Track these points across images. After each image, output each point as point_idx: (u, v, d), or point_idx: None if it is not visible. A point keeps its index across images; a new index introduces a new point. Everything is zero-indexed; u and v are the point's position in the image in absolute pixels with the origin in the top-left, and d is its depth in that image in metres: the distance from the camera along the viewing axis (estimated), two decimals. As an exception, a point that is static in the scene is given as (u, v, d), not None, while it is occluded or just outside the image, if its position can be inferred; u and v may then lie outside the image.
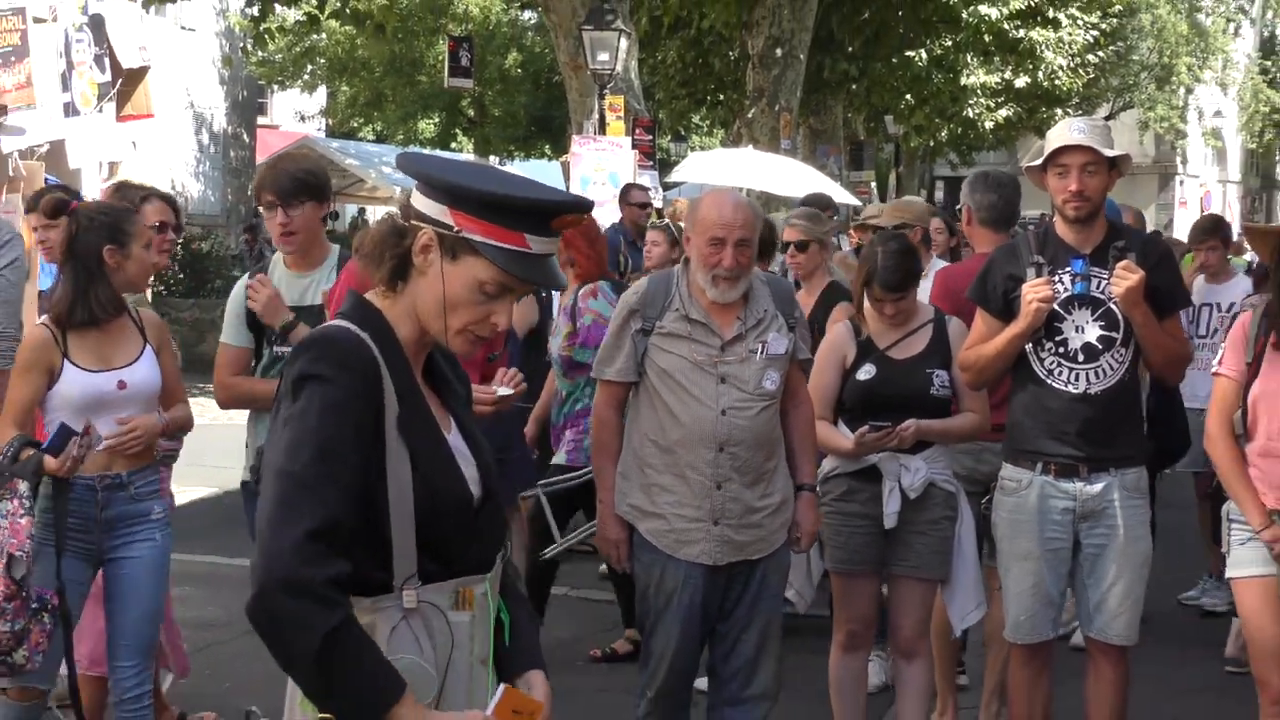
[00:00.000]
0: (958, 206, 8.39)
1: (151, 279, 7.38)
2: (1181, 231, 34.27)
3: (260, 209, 6.56)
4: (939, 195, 37.12)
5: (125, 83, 12.39)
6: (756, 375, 5.60)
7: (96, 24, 11.88)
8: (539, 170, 18.40)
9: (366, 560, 2.93)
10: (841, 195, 18.48)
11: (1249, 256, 18.15)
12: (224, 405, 6.50)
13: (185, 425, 6.18)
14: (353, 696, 2.82)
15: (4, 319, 6.01)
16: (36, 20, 11.08)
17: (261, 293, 5.84)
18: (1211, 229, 9.39)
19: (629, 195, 13.73)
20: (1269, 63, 47.96)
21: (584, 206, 3.21)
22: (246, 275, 6.25)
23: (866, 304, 6.25)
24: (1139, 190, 39.50)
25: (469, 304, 3.02)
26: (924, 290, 6.70)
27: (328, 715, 2.89)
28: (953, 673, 7.08)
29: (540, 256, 3.05)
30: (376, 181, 28.66)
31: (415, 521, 2.96)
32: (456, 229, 3.00)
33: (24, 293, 6.24)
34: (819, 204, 10.32)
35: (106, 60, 12.01)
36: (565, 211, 3.08)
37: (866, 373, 6.11)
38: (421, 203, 3.06)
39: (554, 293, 8.60)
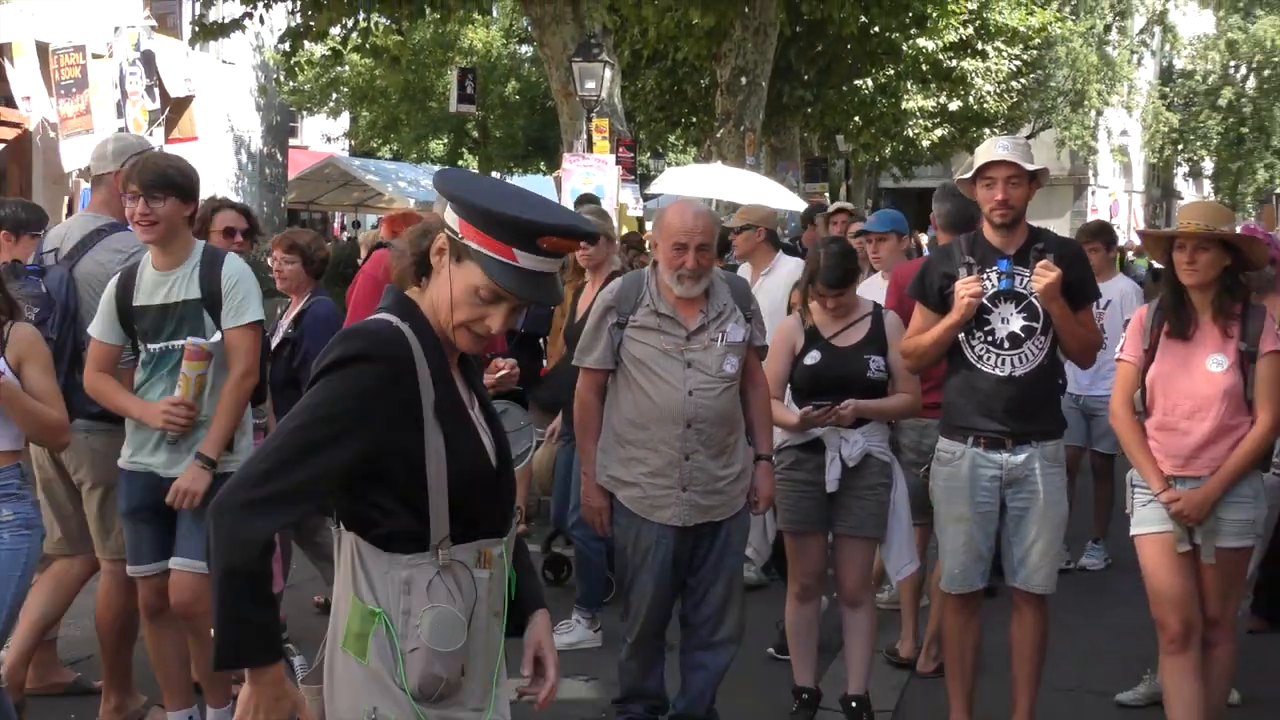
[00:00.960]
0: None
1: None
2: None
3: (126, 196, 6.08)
4: (883, 203, 37.16)
5: (173, 110, 12.39)
6: (718, 360, 5.60)
7: (148, 59, 11.87)
8: (535, 184, 18.44)
9: (408, 524, 2.96)
10: (799, 204, 18.48)
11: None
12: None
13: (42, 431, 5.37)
14: (236, 632, 2.86)
15: None
16: (95, 56, 11.06)
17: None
18: (1096, 232, 9.55)
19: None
20: (1167, 89, 48.10)
21: (577, 233, 3.09)
22: (115, 277, 5.64)
23: (815, 303, 6.25)
24: (1056, 200, 39.60)
25: (467, 305, 2.98)
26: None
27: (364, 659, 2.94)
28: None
29: (531, 272, 2.97)
30: (393, 195, 28.82)
31: (449, 491, 2.95)
32: (460, 236, 2.97)
33: None
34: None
35: (156, 90, 12.01)
36: (550, 234, 2.97)
37: (813, 358, 6.11)
38: (446, 213, 3.05)
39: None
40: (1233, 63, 47.93)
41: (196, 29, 15.79)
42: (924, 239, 12.71)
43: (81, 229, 6.16)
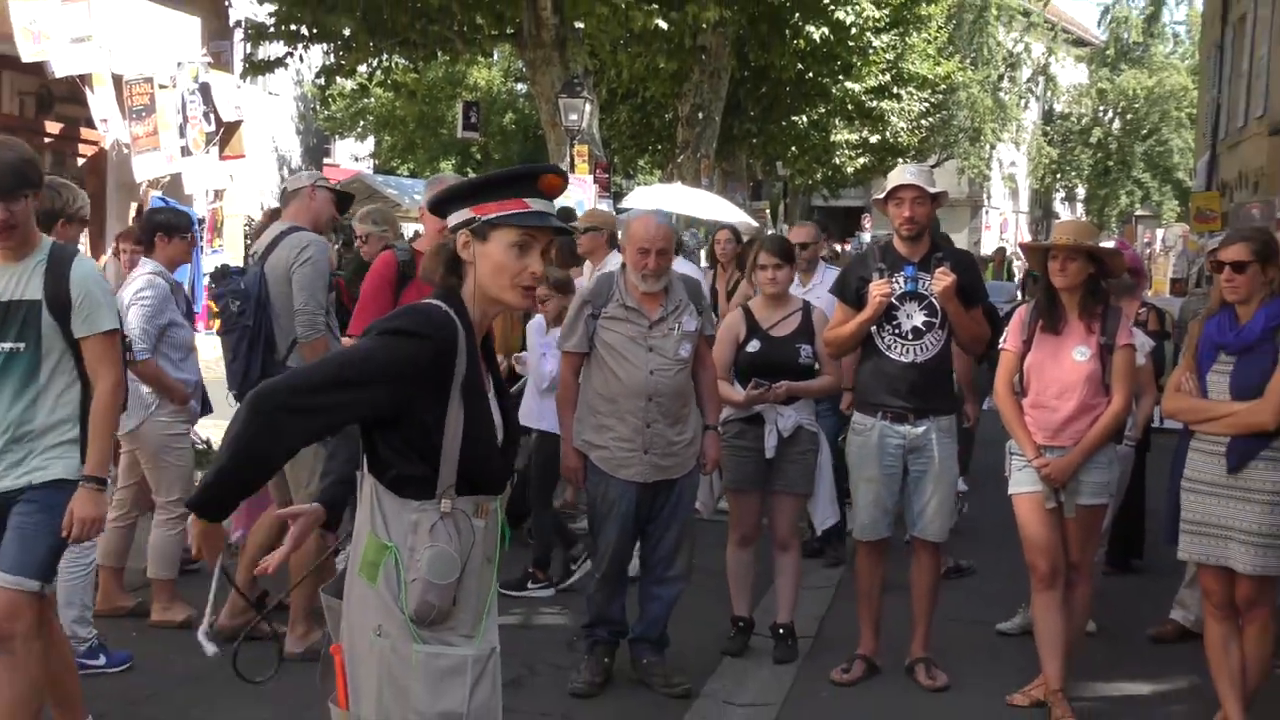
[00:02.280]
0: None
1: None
2: (987, 248, 34.54)
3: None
4: (815, 218, 37.19)
5: (225, 132, 12.33)
6: (675, 346, 5.62)
7: (204, 89, 11.82)
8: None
9: (420, 471, 2.95)
10: (745, 219, 18.53)
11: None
12: None
13: None
14: (218, 491, 2.89)
15: (304, 300, 5.83)
16: (161, 86, 11.01)
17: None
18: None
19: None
20: (1048, 128, 48.20)
21: (554, 169, 3.17)
22: None
23: (756, 298, 6.25)
24: (956, 218, 39.66)
25: (509, 265, 2.99)
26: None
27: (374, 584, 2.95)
28: None
29: (543, 212, 3.04)
30: (409, 206, 28.78)
31: (459, 453, 2.94)
32: (479, 217, 2.99)
33: (321, 282, 5.97)
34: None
35: (212, 116, 11.96)
36: (545, 173, 3.08)
37: (754, 346, 6.13)
38: (452, 219, 3.06)
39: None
40: (1101, 108, 48.14)
41: (246, 65, 15.77)
42: (849, 247, 12.67)
43: (271, 233, 6.09)
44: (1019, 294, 17.43)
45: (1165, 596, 6.91)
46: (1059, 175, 48.29)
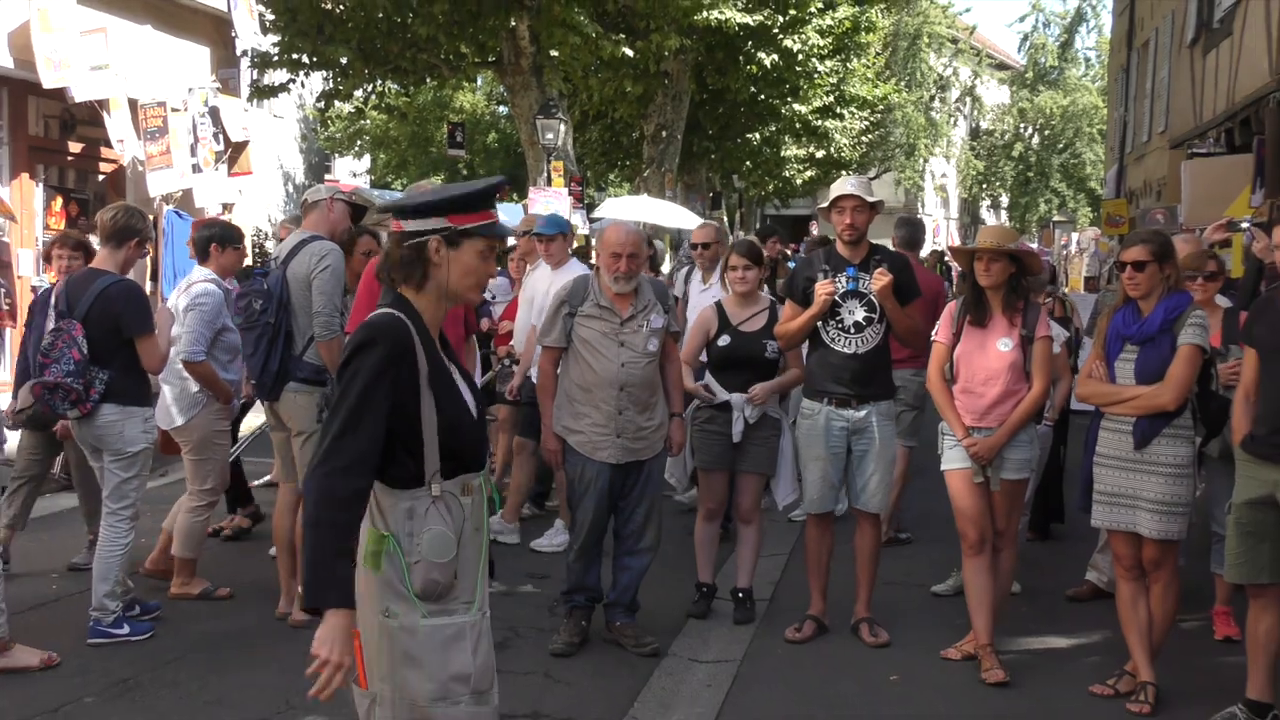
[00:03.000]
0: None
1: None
2: (923, 251, 34.50)
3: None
4: (768, 224, 37.24)
5: (233, 151, 12.23)
6: (644, 341, 5.63)
7: (214, 112, 11.72)
8: (510, 210, 18.36)
9: (408, 464, 2.96)
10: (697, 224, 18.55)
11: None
12: None
13: None
14: (316, 576, 2.83)
15: (322, 303, 5.82)
16: (173, 110, 10.91)
17: None
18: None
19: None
20: (975, 143, 48.38)
21: (503, 183, 3.30)
22: None
23: (728, 296, 6.26)
24: (892, 225, 39.68)
25: (477, 268, 3.05)
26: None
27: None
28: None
29: (503, 225, 3.16)
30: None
31: (439, 439, 2.95)
32: (454, 226, 3.00)
33: (337, 287, 5.95)
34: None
35: (221, 136, 11.85)
36: (499, 189, 3.18)
37: (724, 340, 6.13)
38: (415, 226, 3.01)
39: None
40: (1022, 125, 48.33)
41: (252, 90, 15.68)
42: (802, 248, 12.67)
43: (292, 241, 6.08)
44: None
45: (1080, 560, 6.96)
46: (985, 185, 48.47)
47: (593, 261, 9.32)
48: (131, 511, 5.73)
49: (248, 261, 9.35)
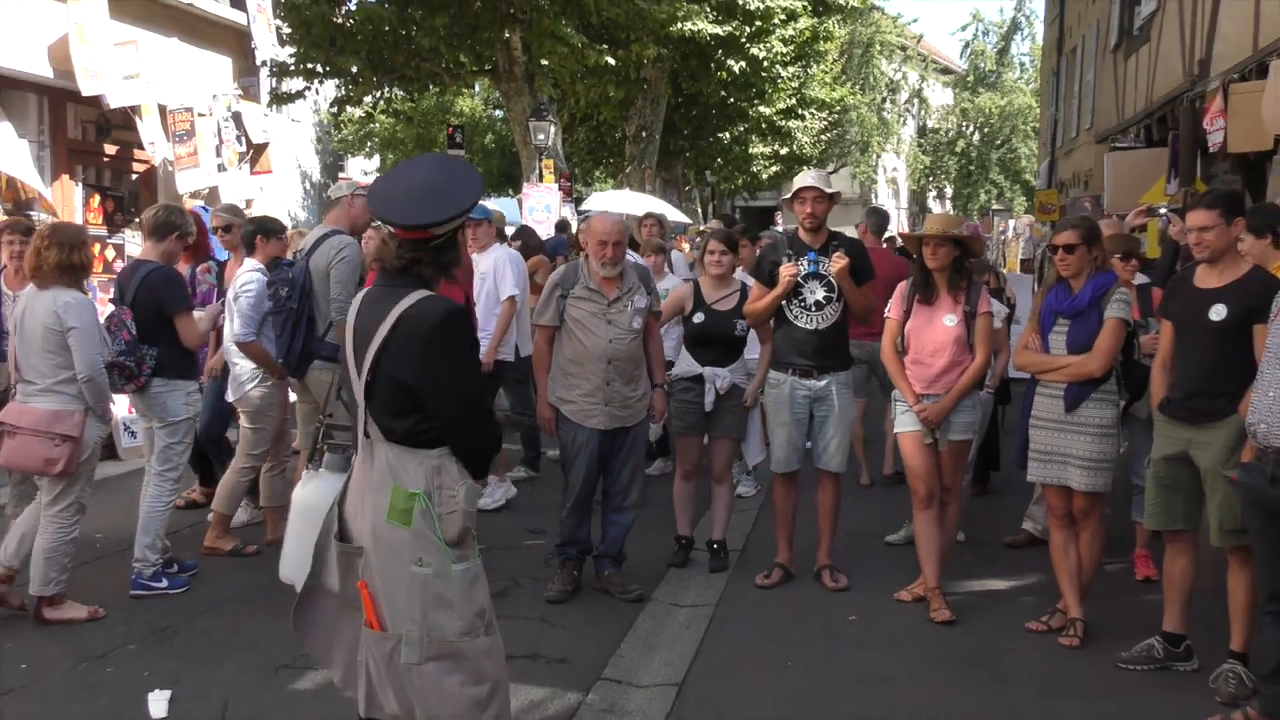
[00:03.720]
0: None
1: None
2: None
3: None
4: (737, 217, 37.19)
5: (255, 152, 12.12)
6: (628, 320, 5.60)
7: (237, 117, 11.61)
8: (505, 205, 18.29)
9: (429, 428, 2.96)
10: (681, 216, 18.53)
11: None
12: None
13: None
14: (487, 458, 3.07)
15: (339, 290, 5.89)
16: (199, 115, 10.81)
17: None
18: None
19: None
20: (922, 140, 48.27)
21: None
22: None
23: (704, 278, 6.23)
24: (849, 214, 39.66)
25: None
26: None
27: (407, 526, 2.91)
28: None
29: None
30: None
31: None
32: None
33: (354, 276, 5.97)
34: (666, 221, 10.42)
35: (243, 138, 11.75)
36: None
37: (699, 318, 6.11)
38: (446, 229, 3.08)
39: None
40: (964, 123, 48.24)
41: (272, 97, 15.58)
42: (771, 235, 12.57)
43: (315, 235, 6.12)
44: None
45: (1018, 512, 6.99)
46: (931, 178, 48.40)
47: (512, 243, 9.14)
48: (176, 475, 5.78)
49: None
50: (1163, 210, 9.00)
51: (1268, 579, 4.18)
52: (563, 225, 14.45)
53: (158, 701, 4.33)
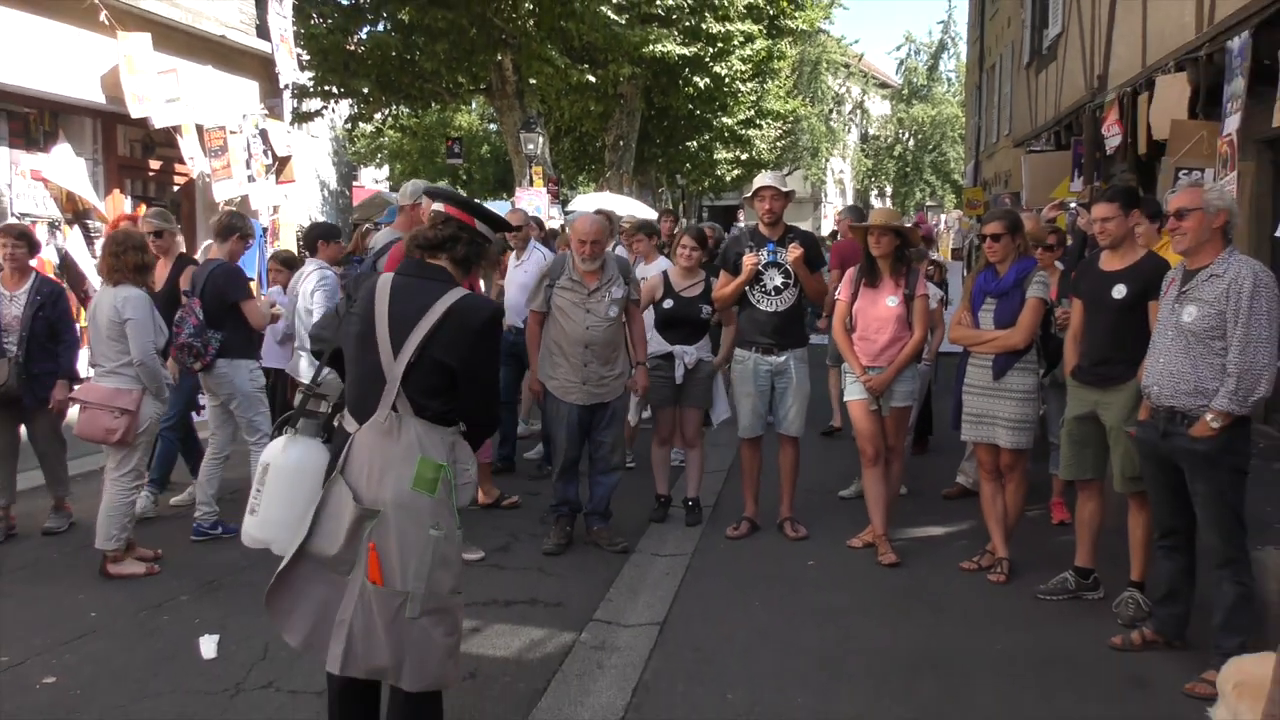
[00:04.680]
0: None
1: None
2: (825, 231, 34.57)
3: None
4: (704, 215, 37.11)
5: (279, 164, 11.99)
6: (606, 309, 5.56)
7: (264, 134, 11.49)
8: (499, 206, 18.28)
9: (448, 409, 2.90)
10: (652, 215, 18.44)
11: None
12: None
13: None
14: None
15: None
16: (231, 132, 10.71)
17: None
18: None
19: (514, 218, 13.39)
20: (865, 146, 48.24)
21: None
22: None
23: (673, 268, 6.20)
24: (802, 211, 39.74)
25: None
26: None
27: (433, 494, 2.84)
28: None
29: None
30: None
31: None
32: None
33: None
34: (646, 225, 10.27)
35: (269, 152, 11.62)
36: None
37: (668, 304, 6.08)
38: (485, 230, 3.12)
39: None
40: (900, 131, 48.28)
41: (294, 116, 15.44)
42: (734, 230, 12.47)
43: (384, 238, 6.04)
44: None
45: (952, 467, 7.03)
46: (873, 179, 48.39)
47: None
48: (265, 439, 5.80)
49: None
50: (1073, 205, 9.05)
51: (1160, 519, 4.25)
52: (553, 234, 14.34)
53: (208, 644, 4.33)
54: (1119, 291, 4.51)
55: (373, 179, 37.22)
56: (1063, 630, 4.50)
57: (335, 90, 16.75)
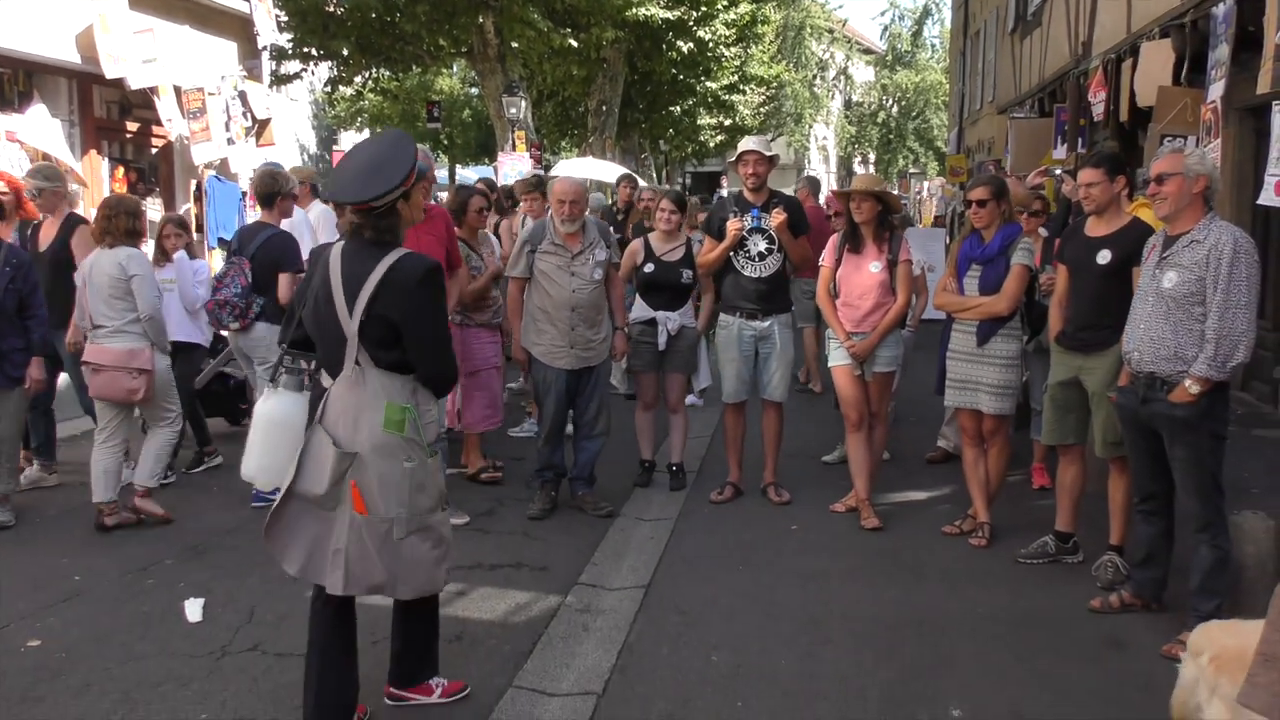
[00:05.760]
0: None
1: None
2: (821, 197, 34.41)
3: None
4: (688, 182, 36.96)
5: (259, 127, 11.86)
6: (590, 272, 5.55)
7: (242, 95, 11.35)
8: (483, 171, 18.07)
9: (403, 359, 3.18)
10: (638, 181, 18.36)
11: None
12: None
13: None
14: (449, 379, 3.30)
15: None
16: (210, 94, 10.57)
17: None
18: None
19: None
20: (848, 113, 48.05)
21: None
22: None
23: (654, 233, 6.18)
24: (786, 177, 39.51)
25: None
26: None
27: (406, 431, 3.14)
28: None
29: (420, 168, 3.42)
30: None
31: None
32: (406, 187, 3.16)
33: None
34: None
35: (248, 115, 11.49)
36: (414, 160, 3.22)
37: (649, 268, 6.05)
38: (388, 199, 3.14)
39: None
40: (884, 98, 48.10)
41: (273, 78, 15.20)
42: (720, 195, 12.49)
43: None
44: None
45: (934, 432, 7.07)
46: (856, 145, 48.24)
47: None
48: None
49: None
50: (1058, 171, 9.06)
51: (1140, 483, 4.29)
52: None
53: (193, 607, 4.33)
54: (1103, 257, 4.52)
55: (353, 143, 36.81)
56: (1042, 593, 4.55)
57: (314, 52, 16.50)
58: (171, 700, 3.55)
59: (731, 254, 5.78)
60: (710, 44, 20.44)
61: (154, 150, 10.96)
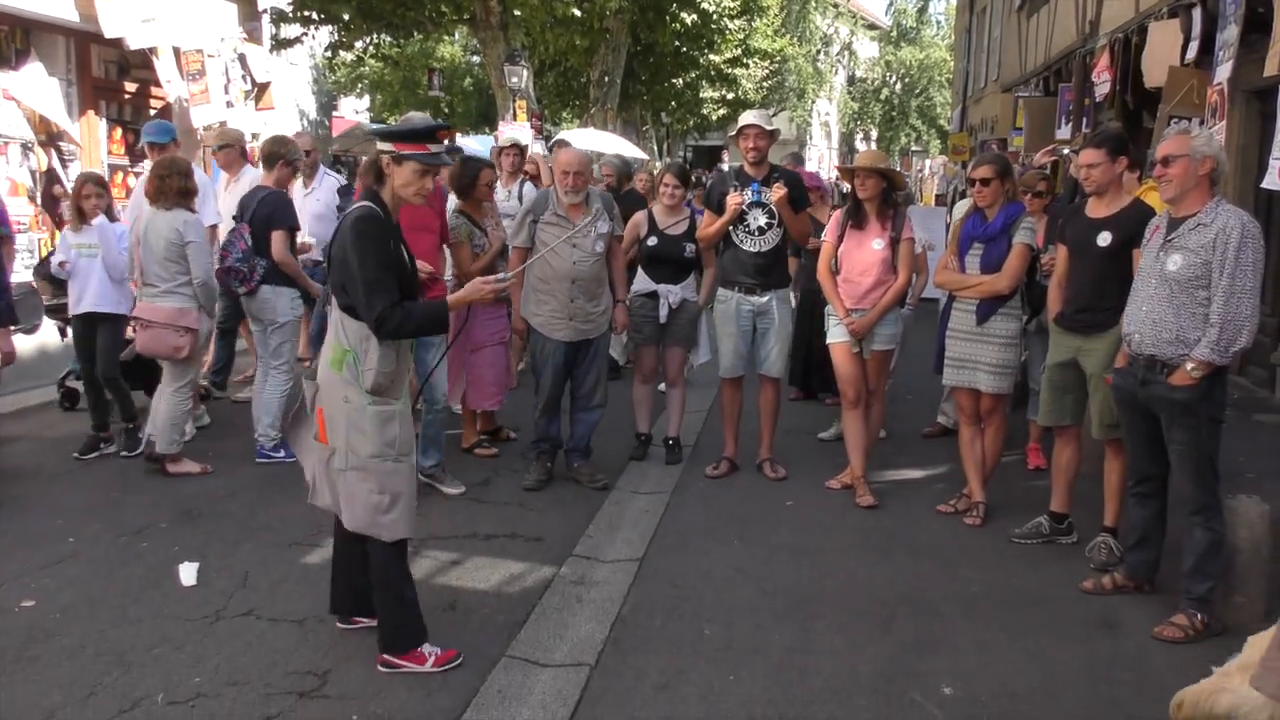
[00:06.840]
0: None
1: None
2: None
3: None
4: (689, 155, 36.77)
5: (259, 91, 11.77)
6: (592, 244, 5.52)
7: (242, 58, 11.25)
8: (482, 141, 17.89)
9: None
10: (638, 153, 18.28)
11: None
12: None
13: None
14: (423, 321, 3.42)
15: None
16: (209, 56, 10.46)
17: None
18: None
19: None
20: (851, 89, 47.77)
21: (444, 126, 3.57)
22: None
23: (657, 206, 6.14)
24: (787, 150, 39.24)
25: (413, 181, 3.42)
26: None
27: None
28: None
29: (436, 154, 3.44)
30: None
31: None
32: (397, 151, 3.41)
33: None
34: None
35: (248, 78, 11.39)
36: (438, 130, 3.48)
37: (652, 241, 6.03)
38: (381, 147, 3.45)
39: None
40: (888, 74, 47.79)
41: (273, 41, 15.06)
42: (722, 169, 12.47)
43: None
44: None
45: (932, 409, 7.07)
46: (858, 122, 47.98)
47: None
48: (287, 366, 5.99)
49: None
50: (1065, 151, 9.01)
51: (1135, 466, 4.29)
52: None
53: (188, 571, 4.33)
54: (1104, 239, 4.50)
55: (353, 109, 36.55)
56: (1036, 573, 4.56)
57: (315, 16, 16.37)
58: (165, 663, 3.56)
59: (731, 228, 5.75)
60: (714, 16, 20.29)
61: (153, 112, 10.84)
